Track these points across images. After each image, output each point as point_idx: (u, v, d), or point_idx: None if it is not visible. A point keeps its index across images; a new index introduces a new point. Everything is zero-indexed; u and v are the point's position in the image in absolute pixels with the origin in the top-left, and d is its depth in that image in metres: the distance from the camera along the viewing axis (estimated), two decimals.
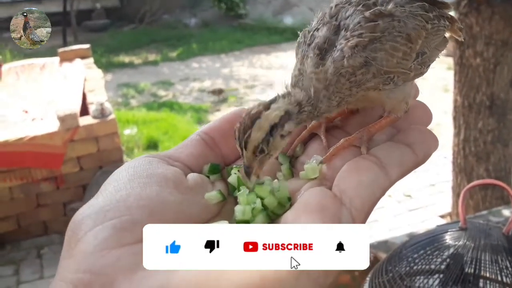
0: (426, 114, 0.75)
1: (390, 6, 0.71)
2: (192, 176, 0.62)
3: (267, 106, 0.68)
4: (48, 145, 4.35)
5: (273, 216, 0.61)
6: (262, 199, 0.61)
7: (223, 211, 0.62)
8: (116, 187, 0.55)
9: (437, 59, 0.80)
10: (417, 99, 0.78)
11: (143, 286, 0.45)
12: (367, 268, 1.78)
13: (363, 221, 0.57)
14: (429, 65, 0.77)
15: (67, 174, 4.59)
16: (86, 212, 0.53)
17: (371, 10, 0.70)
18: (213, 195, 0.61)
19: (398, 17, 0.70)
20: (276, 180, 0.65)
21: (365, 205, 0.57)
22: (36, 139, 4.30)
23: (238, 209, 0.60)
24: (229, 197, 0.65)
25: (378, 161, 0.62)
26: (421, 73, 0.75)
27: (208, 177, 0.65)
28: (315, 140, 0.75)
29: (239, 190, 0.64)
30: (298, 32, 0.78)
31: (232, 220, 0.60)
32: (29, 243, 4.63)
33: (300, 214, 0.55)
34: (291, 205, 0.60)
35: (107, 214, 0.51)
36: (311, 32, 0.73)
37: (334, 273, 0.51)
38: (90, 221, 0.51)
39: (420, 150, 0.66)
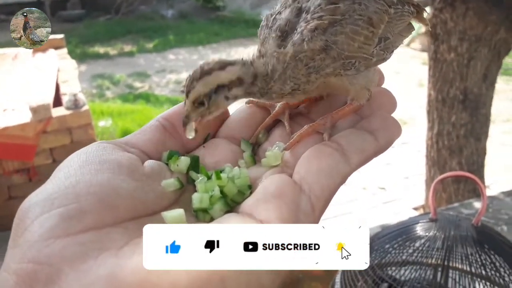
0: (390, 101, 0.75)
1: None
2: (149, 163, 0.61)
3: (223, 66, 0.69)
4: (20, 137, 4.26)
5: (232, 204, 0.60)
6: (221, 186, 0.60)
7: (181, 199, 0.61)
8: (66, 173, 0.54)
9: (412, 53, 0.80)
10: (391, 91, 0.78)
11: (90, 276, 0.44)
12: None
13: (323, 208, 0.57)
14: (392, 51, 0.77)
15: (39, 166, 4.51)
16: (34, 200, 0.51)
17: None
18: (170, 182, 0.59)
19: (359, 0, 0.70)
20: (236, 167, 0.64)
21: (325, 192, 0.57)
22: (7, 130, 4.21)
23: (195, 197, 0.59)
24: (188, 185, 0.63)
25: (339, 147, 0.62)
26: (384, 59, 0.75)
27: (167, 164, 0.64)
28: (278, 126, 0.75)
29: (196, 179, 0.63)
30: (249, 29, 0.77)
31: (189, 208, 0.59)
32: (0, 237, 4.54)
33: (258, 201, 0.54)
34: (251, 193, 0.59)
35: (54, 202, 0.50)
36: (274, 16, 0.73)
37: (282, 277, 0.51)
38: (37, 209, 0.49)
39: (382, 137, 0.66)
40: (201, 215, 0.59)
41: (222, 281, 0.45)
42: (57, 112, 4.49)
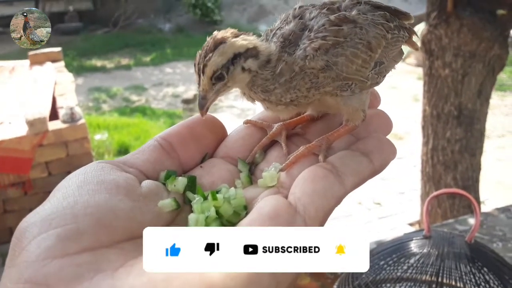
0: (386, 123, 0.76)
1: (353, 12, 0.72)
2: (146, 183, 0.61)
3: (236, 34, 0.67)
4: (16, 150, 4.26)
5: (228, 225, 0.60)
6: (217, 207, 0.61)
7: (178, 219, 0.61)
8: (64, 193, 0.54)
9: (407, 69, 0.81)
10: (387, 113, 0.79)
11: None
12: (335, 276, 1.79)
13: None
14: (385, 76, 0.78)
15: (35, 179, 4.50)
16: (32, 220, 0.51)
17: (336, 14, 0.71)
18: (166, 203, 0.60)
19: (361, 24, 0.72)
20: (232, 188, 0.65)
21: (319, 213, 0.57)
22: (3, 143, 4.21)
23: (191, 217, 0.59)
24: (185, 205, 0.64)
25: (334, 169, 0.63)
26: (377, 83, 0.76)
27: (164, 184, 0.64)
28: (275, 147, 0.75)
29: (192, 199, 0.63)
30: (260, 32, 0.78)
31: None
32: None
33: (253, 222, 0.55)
34: (247, 213, 0.59)
35: (52, 222, 0.50)
36: (274, 31, 0.74)
37: (286, 283, 0.51)
38: (35, 229, 0.50)
39: (377, 159, 0.67)
40: None
41: None
42: (54, 125, 4.50)
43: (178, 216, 0.62)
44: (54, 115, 4.74)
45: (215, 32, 0.68)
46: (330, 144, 0.71)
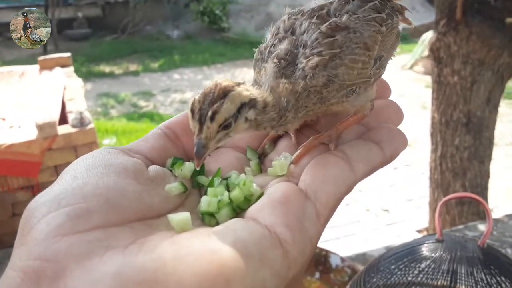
0: (397, 113, 0.76)
1: (344, 17, 0.70)
2: (153, 168, 0.61)
3: (238, 83, 0.65)
4: (25, 153, 4.28)
5: (238, 210, 0.60)
6: (229, 192, 0.61)
7: (187, 202, 0.62)
8: (73, 175, 0.54)
9: (415, 76, 0.80)
10: (397, 103, 0.78)
11: (96, 273, 0.44)
12: (346, 281, 1.79)
13: (328, 216, 0.57)
14: (385, 66, 0.77)
15: (44, 183, 4.51)
16: (41, 200, 0.51)
17: (327, 24, 0.69)
18: (174, 186, 0.60)
19: (354, 28, 0.70)
20: (243, 174, 0.65)
21: (330, 200, 0.57)
22: (13, 147, 4.23)
23: (204, 200, 0.60)
24: (193, 189, 0.64)
25: (345, 156, 0.62)
26: (380, 76, 0.75)
27: (171, 170, 0.64)
28: (284, 137, 0.75)
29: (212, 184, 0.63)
30: (253, 50, 0.76)
31: (195, 211, 0.60)
32: (3, 253, 4.52)
33: (263, 206, 0.55)
34: (256, 200, 0.59)
35: (61, 202, 0.50)
36: (268, 49, 0.73)
37: (297, 267, 0.52)
38: (44, 208, 0.50)
39: (388, 148, 0.66)
40: (207, 219, 0.59)
41: (227, 282, 0.45)
42: (63, 129, 4.51)
43: (187, 199, 0.62)
44: (63, 119, 4.76)
45: (216, 80, 0.65)
46: (339, 134, 0.71)
